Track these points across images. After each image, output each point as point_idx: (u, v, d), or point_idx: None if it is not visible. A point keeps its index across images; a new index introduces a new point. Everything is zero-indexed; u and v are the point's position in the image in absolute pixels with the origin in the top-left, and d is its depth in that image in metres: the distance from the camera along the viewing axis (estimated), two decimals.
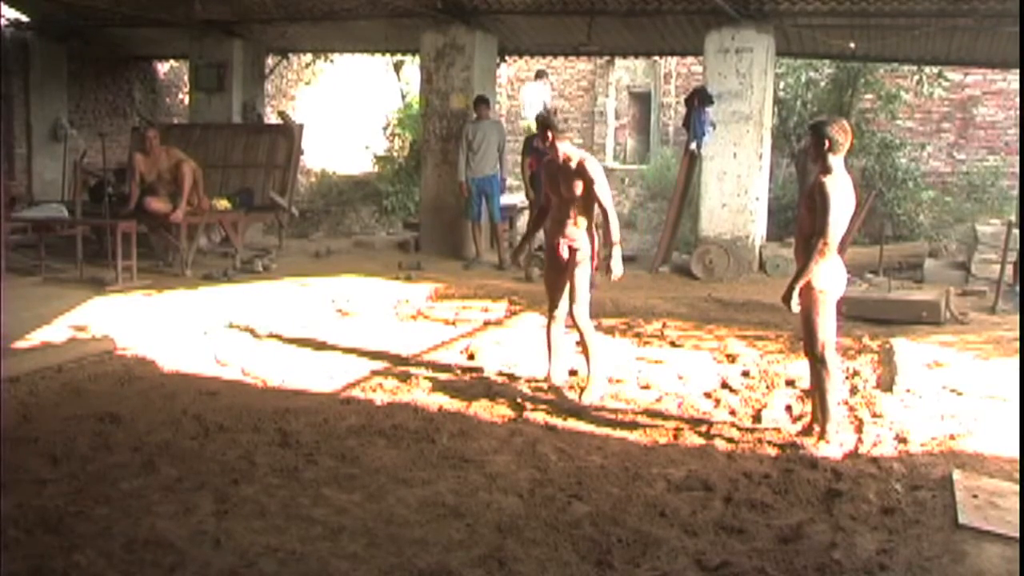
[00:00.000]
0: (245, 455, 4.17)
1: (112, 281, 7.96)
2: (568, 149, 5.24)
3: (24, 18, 12.61)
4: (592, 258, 5.28)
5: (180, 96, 15.09)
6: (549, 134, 5.21)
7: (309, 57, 16.12)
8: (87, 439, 4.29)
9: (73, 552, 3.13)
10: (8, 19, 12.51)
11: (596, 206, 5.20)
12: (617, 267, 5.24)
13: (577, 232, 5.23)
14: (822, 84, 13.21)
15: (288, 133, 11.01)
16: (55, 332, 6.26)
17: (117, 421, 4.56)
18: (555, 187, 5.28)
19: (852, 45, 10.12)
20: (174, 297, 7.63)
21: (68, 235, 9.07)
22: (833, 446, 4.39)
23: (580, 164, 5.15)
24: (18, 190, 11.65)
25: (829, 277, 4.40)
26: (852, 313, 6.94)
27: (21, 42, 12.35)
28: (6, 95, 11.92)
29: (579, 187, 5.14)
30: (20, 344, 5.90)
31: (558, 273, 5.37)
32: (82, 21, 12.20)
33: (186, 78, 13.54)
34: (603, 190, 5.16)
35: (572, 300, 5.25)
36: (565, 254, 5.26)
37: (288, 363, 5.90)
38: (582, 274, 5.22)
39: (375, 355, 6.17)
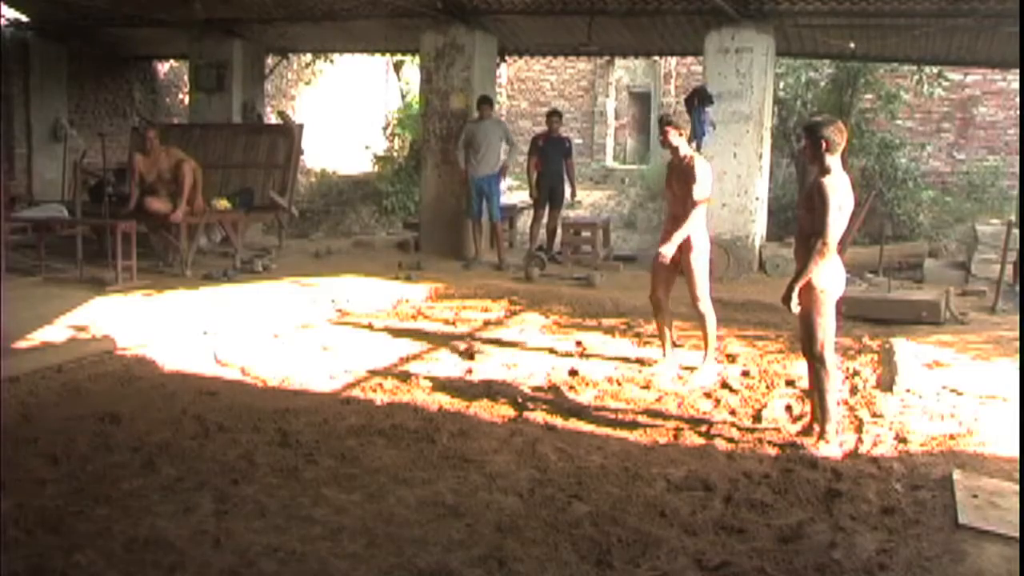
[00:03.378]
0: (245, 455, 4.16)
1: (112, 281, 7.95)
2: (685, 149, 5.70)
3: (24, 18, 12.61)
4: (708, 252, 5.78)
5: (180, 96, 15.09)
6: (671, 132, 5.63)
7: (309, 57, 16.12)
8: (87, 439, 4.28)
9: (73, 552, 3.13)
10: (8, 19, 12.51)
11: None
12: (667, 250, 5.69)
13: (690, 227, 5.63)
14: (822, 84, 13.21)
15: (288, 133, 11.00)
16: (55, 332, 6.25)
17: (117, 421, 4.56)
18: (670, 184, 5.81)
19: (852, 45, 10.12)
20: (174, 297, 7.63)
21: (68, 235, 9.06)
22: (833, 446, 4.39)
23: (689, 162, 5.64)
24: (18, 190, 11.64)
25: (829, 277, 4.40)
26: (852, 313, 6.95)
27: (21, 42, 12.35)
28: (6, 95, 11.91)
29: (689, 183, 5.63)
30: (20, 344, 5.89)
31: (666, 268, 5.81)
32: (82, 21, 12.20)
33: (186, 78, 13.53)
34: (700, 189, 5.58)
35: (691, 287, 5.74)
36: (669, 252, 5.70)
37: (288, 363, 5.90)
38: (697, 263, 5.70)
39: (375, 355, 6.17)
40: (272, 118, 13.89)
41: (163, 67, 15.01)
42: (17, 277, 8.19)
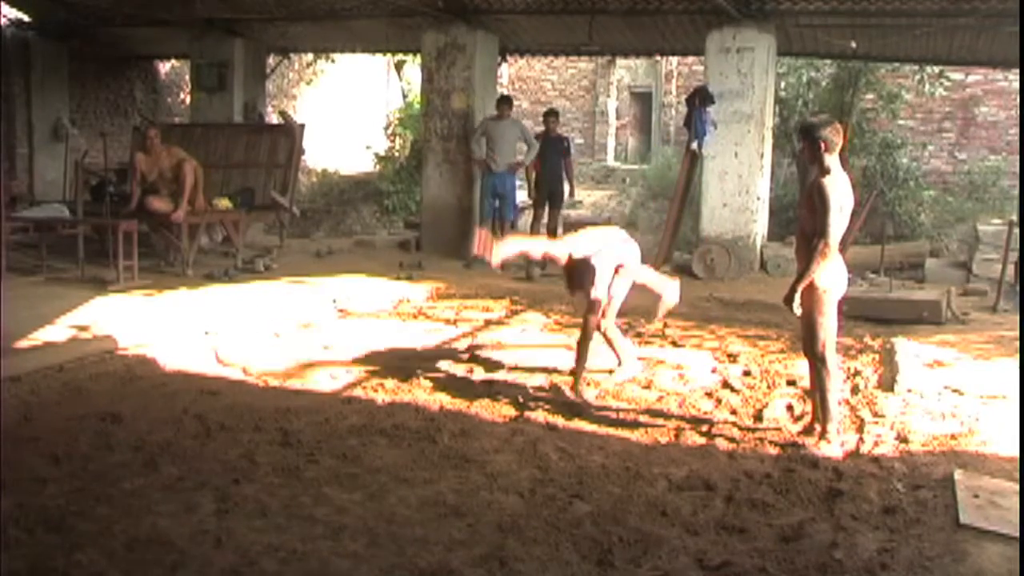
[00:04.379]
0: (246, 454, 4.17)
1: (113, 281, 7.96)
2: None
3: (25, 17, 12.62)
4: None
5: (181, 96, 15.10)
6: None
7: (310, 56, 16.13)
8: (88, 438, 4.29)
9: (74, 551, 3.13)
10: (9, 19, 12.52)
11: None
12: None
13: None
14: (823, 84, 13.23)
15: (289, 132, 11.00)
16: (56, 332, 6.25)
17: (118, 420, 4.55)
18: None
19: (853, 44, 10.12)
20: (175, 297, 7.63)
21: (69, 235, 9.06)
22: (834, 445, 4.38)
23: None
24: (19, 190, 11.63)
25: (830, 277, 4.40)
26: (853, 313, 6.94)
27: (22, 41, 12.36)
28: (7, 95, 11.92)
29: None
30: (21, 343, 5.89)
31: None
32: (83, 20, 12.21)
33: (187, 77, 13.54)
34: None
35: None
36: None
37: (289, 362, 5.89)
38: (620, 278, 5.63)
39: (376, 355, 6.17)
40: (273, 118, 13.89)
41: (164, 66, 15.02)
42: (18, 277, 8.20)
